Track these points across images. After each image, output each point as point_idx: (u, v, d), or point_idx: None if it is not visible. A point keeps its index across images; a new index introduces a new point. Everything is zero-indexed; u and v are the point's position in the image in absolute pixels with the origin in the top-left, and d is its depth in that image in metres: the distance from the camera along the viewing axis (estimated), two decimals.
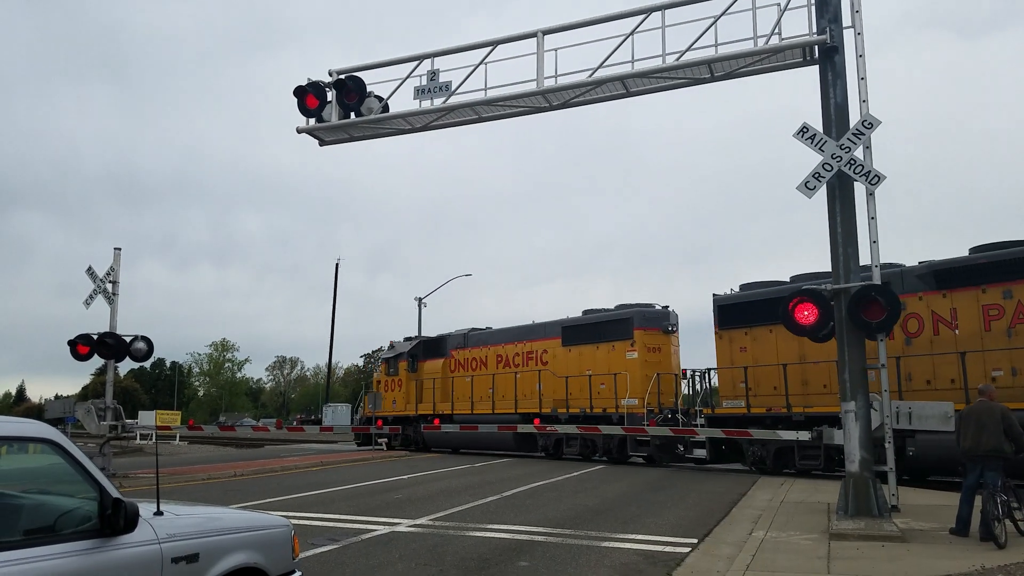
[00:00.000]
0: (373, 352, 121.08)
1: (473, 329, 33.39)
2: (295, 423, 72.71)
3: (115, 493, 4.42)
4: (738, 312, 22.16)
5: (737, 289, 23.19)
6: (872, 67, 12.61)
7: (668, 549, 10.32)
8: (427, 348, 34.28)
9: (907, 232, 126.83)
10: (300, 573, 5.79)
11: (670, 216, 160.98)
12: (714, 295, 23.14)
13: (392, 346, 36.48)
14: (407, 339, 36.30)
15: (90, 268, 19.61)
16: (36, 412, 76.36)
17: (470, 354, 32.18)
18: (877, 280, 11.92)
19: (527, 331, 30.39)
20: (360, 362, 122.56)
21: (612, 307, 27.95)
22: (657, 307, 27.17)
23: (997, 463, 10.25)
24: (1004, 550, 9.48)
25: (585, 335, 27.53)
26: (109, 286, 19.51)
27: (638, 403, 24.56)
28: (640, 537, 11.20)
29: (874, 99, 12.50)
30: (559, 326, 28.68)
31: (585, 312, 28.73)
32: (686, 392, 25.04)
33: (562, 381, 27.28)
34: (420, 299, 59.11)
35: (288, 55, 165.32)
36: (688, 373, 24.47)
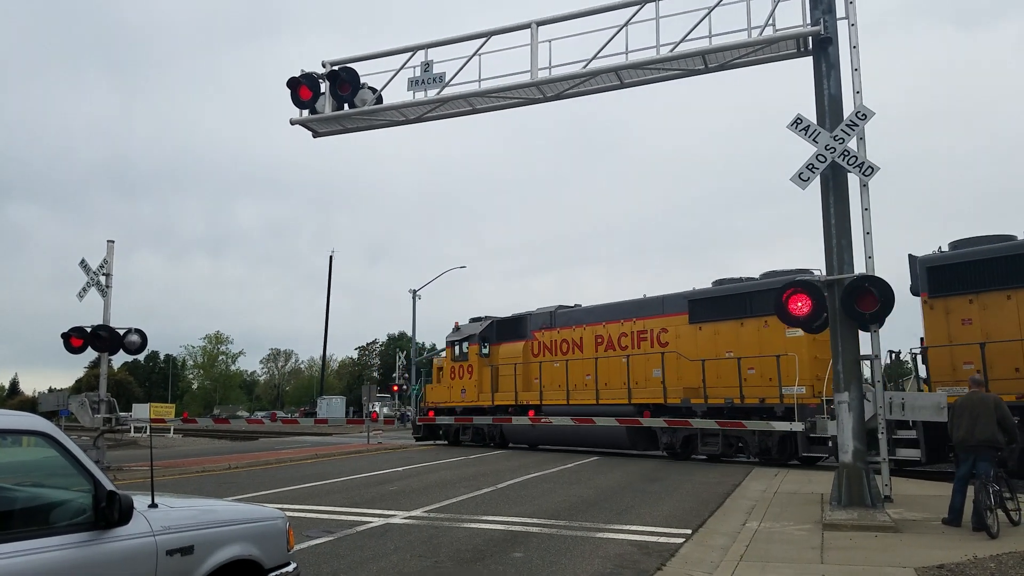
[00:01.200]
0: (368, 344, 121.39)
1: (561, 307, 28.97)
2: (297, 416, 72.86)
3: (109, 485, 4.42)
4: (957, 275, 17.83)
5: (945, 248, 18.74)
6: (869, 57, 12.62)
7: (662, 540, 10.36)
8: (501, 329, 30.28)
9: (906, 222, 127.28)
10: (295, 565, 5.80)
11: (667, 205, 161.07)
12: (911, 256, 19.07)
13: (458, 328, 32.18)
14: (475, 320, 32.14)
15: (83, 261, 19.55)
16: (29, 405, 76.17)
17: (559, 335, 27.78)
18: (871, 271, 11.95)
19: (637, 307, 25.46)
20: (355, 355, 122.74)
21: (757, 276, 23.15)
22: (817, 273, 20.96)
23: (990, 453, 10.33)
24: (996, 540, 9.54)
25: (722, 310, 22.77)
26: (102, 279, 19.45)
27: (806, 391, 20.09)
28: (634, 528, 11.24)
29: (871, 89, 12.53)
30: (684, 299, 23.93)
31: (716, 283, 23.94)
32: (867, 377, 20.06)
33: (694, 366, 22.60)
34: (415, 291, 59.16)
35: (284, 44, 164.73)
36: (891, 354, 19.14)
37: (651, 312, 24.83)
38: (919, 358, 18.46)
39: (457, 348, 31.30)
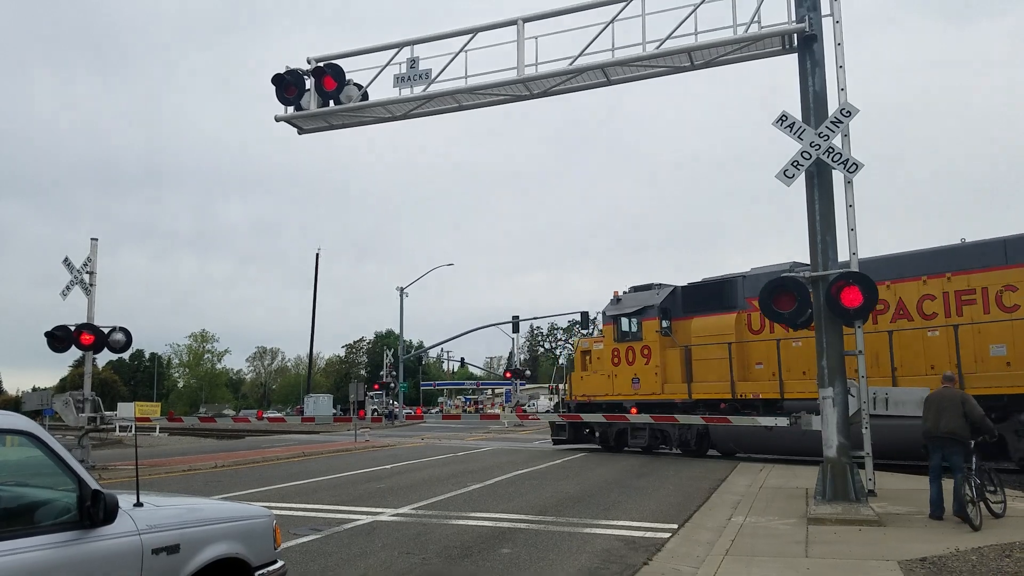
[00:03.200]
0: (355, 342, 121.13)
1: (797, 264, 20.36)
2: (293, 413, 72.65)
3: (94, 485, 4.40)
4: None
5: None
6: (859, 51, 12.69)
7: (649, 535, 10.41)
8: (692, 298, 23.12)
9: (892, 217, 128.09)
10: (282, 563, 5.79)
11: (658, 200, 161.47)
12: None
13: (619, 299, 25.18)
14: (639, 288, 24.98)
15: (67, 259, 19.40)
16: (13, 404, 75.62)
17: None
18: (855, 268, 12.03)
19: (950, 257, 18.32)
20: (342, 353, 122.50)
21: None
22: None
23: (956, 446, 10.68)
24: (979, 532, 9.66)
25: None
26: (86, 277, 19.31)
27: None
28: (621, 523, 11.29)
29: (862, 84, 12.60)
30: None
31: None
32: None
33: None
34: (402, 288, 59.18)
35: (270, 39, 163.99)
36: None
37: (980, 263, 17.86)
38: None
39: (624, 324, 24.35)
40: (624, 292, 25.22)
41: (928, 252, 18.85)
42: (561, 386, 29.58)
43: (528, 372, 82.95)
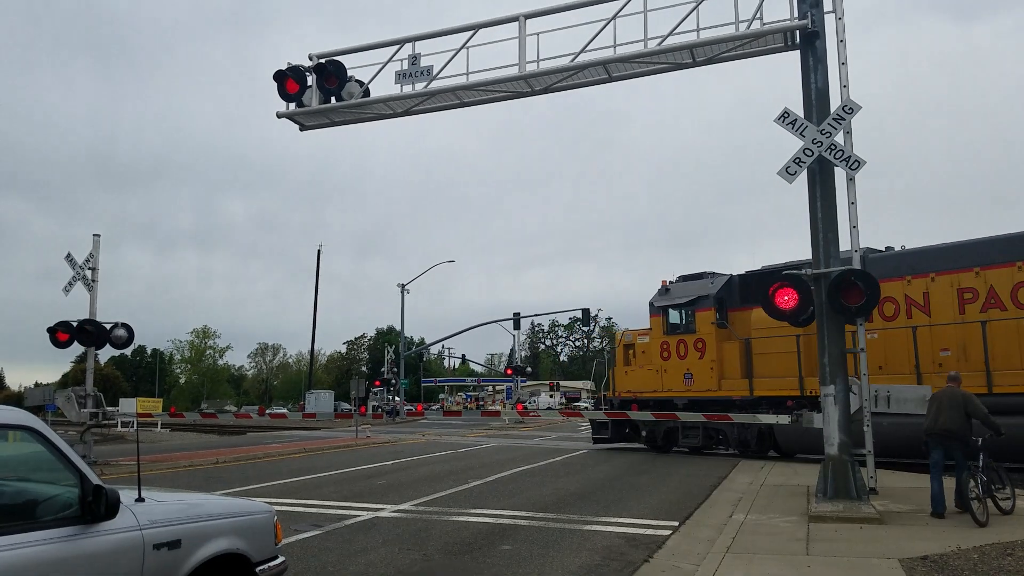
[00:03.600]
0: (356, 339, 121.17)
1: (871, 250, 18.91)
2: (297, 409, 72.65)
3: (96, 480, 4.40)
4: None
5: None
6: (864, 48, 12.68)
7: (649, 532, 10.41)
8: (752, 288, 20.88)
9: (896, 213, 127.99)
10: (283, 559, 5.79)
11: (660, 197, 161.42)
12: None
13: (666, 289, 23.59)
14: (689, 277, 23.50)
15: (69, 255, 19.42)
16: (15, 400, 75.69)
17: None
18: (857, 265, 12.02)
19: None
20: (343, 349, 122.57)
21: None
22: None
23: (955, 443, 10.84)
24: (982, 530, 9.67)
25: None
26: (88, 273, 19.34)
27: None
28: (622, 520, 11.29)
29: (868, 81, 12.57)
30: None
31: None
32: None
33: None
34: (403, 285, 59.16)
35: (271, 34, 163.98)
36: None
37: None
38: None
39: (674, 315, 23.10)
40: (672, 282, 23.72)
41: (1009, 237, 17.15)
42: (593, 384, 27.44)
43: (529, 369, 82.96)
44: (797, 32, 12.93)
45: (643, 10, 13.77)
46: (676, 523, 11.08)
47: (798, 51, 13.09)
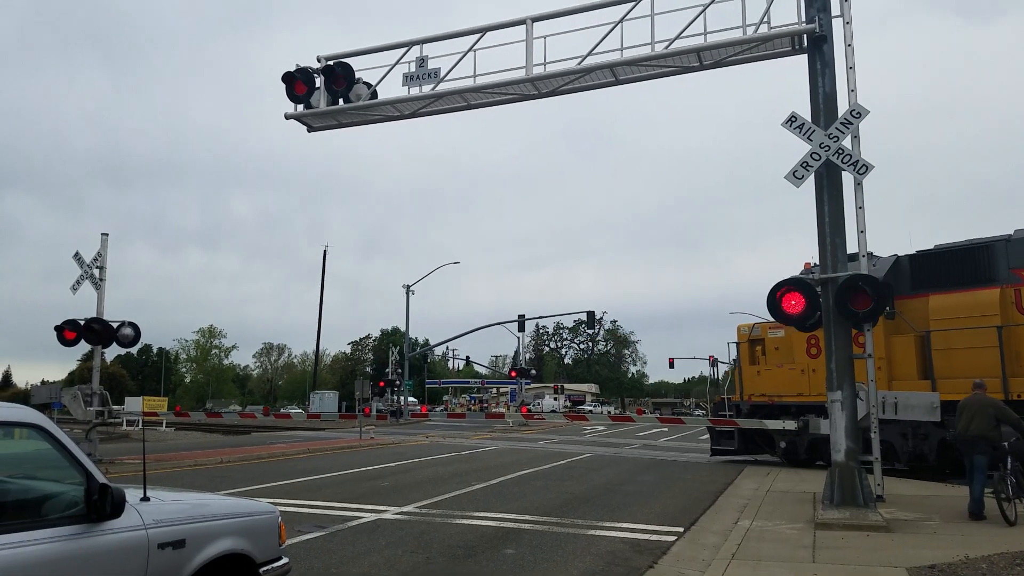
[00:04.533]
0: (361, 339, 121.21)
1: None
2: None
3: (102, 478, 4.40)
4: None
5: None
6: (875, 50, 12.65)
7: (654, 538, 10.38)
8: (927, 272, 18.23)
9: (905, 216, 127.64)
10: (287, 560, 5.79)
11: (664, 199, 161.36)
12: None
13: (811, 272, 17.85)
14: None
15: (77, 254, 19.48)
16: (22, 397, 75.90)
17: None
18: (864, 270, 11.98)
19: None
20: (348, 350, 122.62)
21: None
22: None
23: (983, 447, 11.19)
24: (993, 538, 9.74)
25: None
26: (96, 271, 19.38)
27: None
28: (626, 525, 11.26)
29: (875, 83, 12.57)
30: None
31: None
32: None
33: None
34: (408, 286, 59.15)
35: (279, 35, 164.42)
36: None
37: None
38: None
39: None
40: (815, 269, 20.02)
41: None
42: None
43: (533, 371, 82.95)
44: (804, 36, 12.90)
45: (650, 13, 13.78)
46: (681, 529, 11.04)
47: (805, 55, 13.06)
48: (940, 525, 10.84)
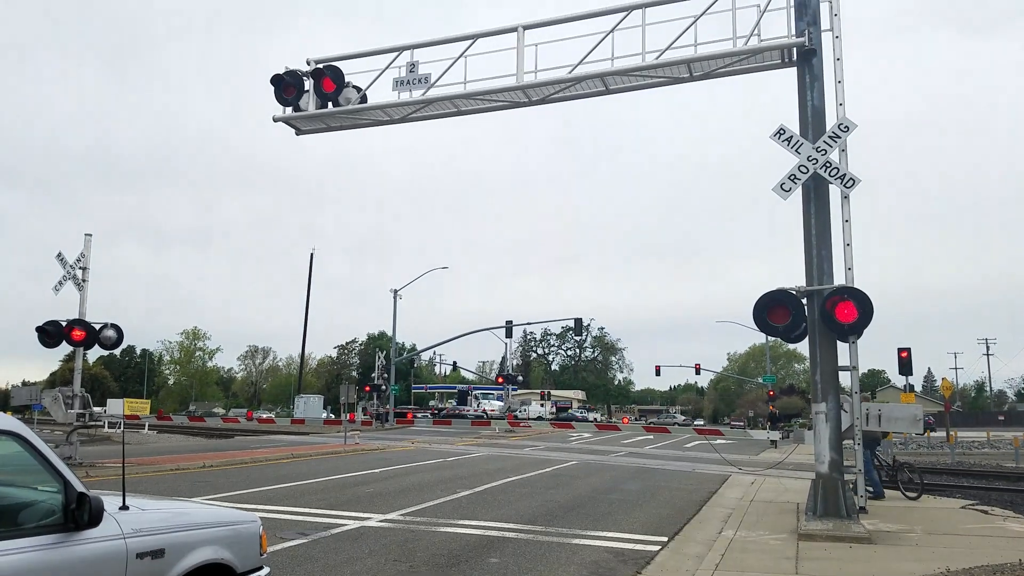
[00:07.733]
0: (347, 344, 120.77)
1: None
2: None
3: (80, 487, 4.34)
4: None
5: None
6: (863, 65, 12.74)
7: (638, 547, 10.35)
8: None
9: (894, 232, 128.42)
10: (268, 569, 5.73)
11: (656, 209, 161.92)
12: None
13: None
14: None
15: (60, 254, 19.35)
16: (2, 398, 75.27)
17: None
18: (851, 283, 12.03)
19: None
20: (334, 353, 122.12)
21: None
22: None
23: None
24: (972, 551, 9.69)
25: None
26: (79, 272, 19.23)
27: None
28: (611, 535, 11.23)
29: (864, 97, 12.64)
30: None
31: None
32: None
33: None
34: (396, 291, 59.03)
35: (271, 37, 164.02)
36: None
37: None
38: None
39: None
40: None
41: None
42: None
43: (520, 378, 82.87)
44: (794, 49, 12.97)
45: (641, 24, 13.82)
46: (665, 539, 11.03)
47: (795, 68, 13.13)
48: (922, 537, 10.87)
